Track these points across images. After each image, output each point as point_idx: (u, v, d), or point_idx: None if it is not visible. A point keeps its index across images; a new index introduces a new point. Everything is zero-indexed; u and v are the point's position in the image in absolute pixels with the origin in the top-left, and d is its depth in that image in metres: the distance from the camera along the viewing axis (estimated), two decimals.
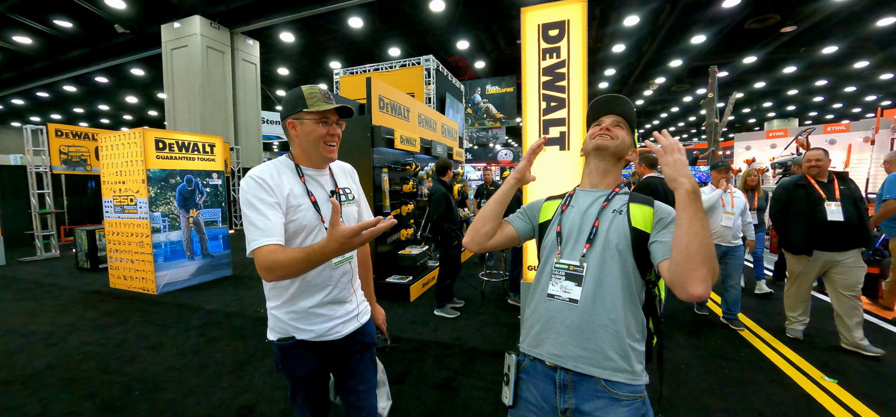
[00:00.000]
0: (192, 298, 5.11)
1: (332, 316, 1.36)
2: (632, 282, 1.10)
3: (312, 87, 1.30)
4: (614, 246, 1.11)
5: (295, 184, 1.30)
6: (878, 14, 10.53)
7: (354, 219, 1.48)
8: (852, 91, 19.11)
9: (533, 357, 1.17)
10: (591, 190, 1.25)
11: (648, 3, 10.35)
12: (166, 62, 10.70)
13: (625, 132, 1.23)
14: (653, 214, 1.13)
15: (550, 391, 1.12)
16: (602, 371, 1.06)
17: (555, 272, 1.16)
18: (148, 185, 5.16)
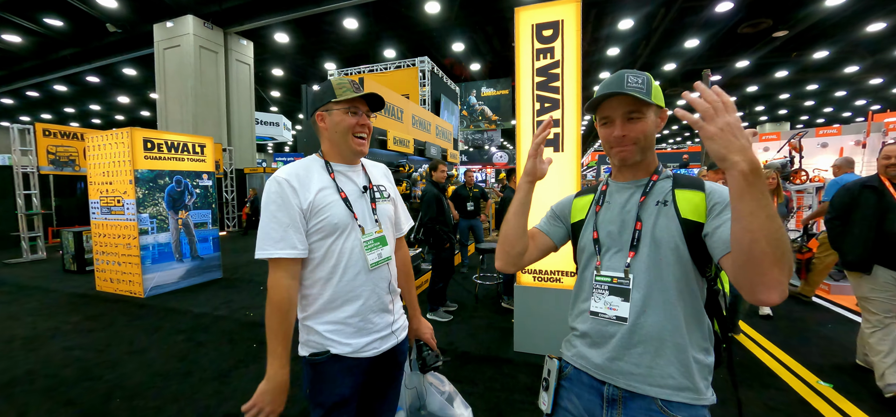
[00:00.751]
0: (180, 301, 5.01)
1: (369, 329, 1.25)
2: (691, 284, 0.95)
3: (342, 78, 1.25)
4: (666, 245, 0.94)
5: (324, 183, 1.23)
6: (868, 19, 10.66)
7: (390, 219, 1.39)
8: (843, 95, 19.33)
9: (577, 367, 1.07)
10: (626, 183, 1.07)
11: (643, 6, 10.40)
12: (158, 62, 10.59)
13: (645, 119, 0.98)
14: (704, 200, 0.95)
15: (596, 404, 1.01)
16: (660, 390, 0.92)
17: (596, 286, 1.03)
18: (136, 186, 5.06)
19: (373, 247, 1.26)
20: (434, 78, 10.92)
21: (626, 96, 0.96)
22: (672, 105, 22.37)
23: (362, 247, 1.24)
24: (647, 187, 1.02)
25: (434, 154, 6.48)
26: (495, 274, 5.45)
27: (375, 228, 1.29)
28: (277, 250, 1.12)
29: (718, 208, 0.91)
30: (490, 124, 17.26)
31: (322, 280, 1.20)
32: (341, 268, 1.21)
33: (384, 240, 1.31)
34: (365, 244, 1.24)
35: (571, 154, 3.14)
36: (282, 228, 1.14)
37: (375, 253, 1.26)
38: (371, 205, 1.31)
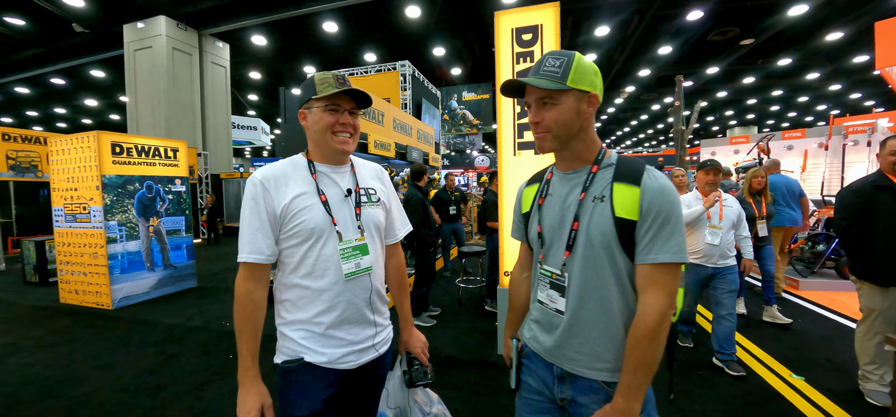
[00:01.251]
0: (151, 313, 4.80)
1: (347, 340, 1.19)
2: (624, 278, 0.99)
3: (325, 73, 1.19)
4: (598, 245, 0.97)
5: (304, 184, 1.17)
6: (827, 29, 11.26)
7: (378, 225, 1.29)
8: (805, 100, 20.34)
9: (532, 348, 1.15)
10: (568, 172, 1.07)
11: (618, 14, 10.69)
12: (129, 63, 10.20)
13: (560, 105, 0.98)
14: (638, 197, 0.94)
15: (550, 379, 1.10)
16: (598, 373, 1.01)
17: (540, 277, 1.11)
18: (103, 192, 4.83)
19: (350, 256, 1.19)
20: (415, 82, 10.91)
21: (537, 93, 0.99)
22: (646, 109, 23.06)
23: (338, 255, 1.17)
24: (587, 181, 1.02)
25: (416, 158, 6.45)
26: (478, 278, 5.44)
27: (356, 235, 1.21)
28: (244, 255, 1.12)
29: (648, 220, 0.93)
30: (471, 128, 17.36)
31: (298, 286, 1.16)
32: (317, 276, 1.15)
33: (365, 249, 1.22)
34: (341, 252, 1.17)
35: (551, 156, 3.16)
36: (251, 232, 1.12)
37: (352, 263, 1.18)
38: (354, 210, 1.22)
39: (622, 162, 1.01)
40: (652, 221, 0.93)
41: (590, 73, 0.98)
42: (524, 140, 3.22)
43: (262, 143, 16.34)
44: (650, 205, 0.93)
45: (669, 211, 0.93)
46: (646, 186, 0.94)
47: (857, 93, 18.84)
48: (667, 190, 0.94)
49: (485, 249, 4.75)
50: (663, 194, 0.94)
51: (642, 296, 0.95)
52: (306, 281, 1.15)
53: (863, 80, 16.37)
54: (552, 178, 1.13)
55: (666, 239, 0.92)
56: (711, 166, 3.10)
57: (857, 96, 19.34)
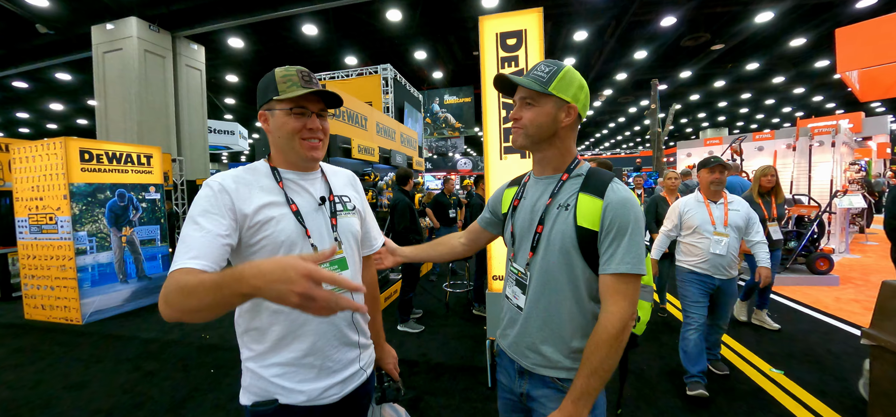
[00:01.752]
0: (124, 327, 4.59)
1: (329, 369, 1.05)
2: (580, 284, 1.03)
3: (288, 69, 1.03)
4: (557, 249, 1.03)
5: (270, 192, 1.02)
6: (791, 35, 11.82)
7: (355, 236, 1.17)
8: (772, 103, 21.25)
9: (501, 346, 1.24)
10: (541, 177, 1.14)
11: (595, 20, 10.93)
12: (97, 66, 9.75)
13: (538, 107, 1.03)
14: (600, 209, 0.99)
15: (513, 375, 1.18)
16: (548, 371, 1.08)
17: (509, 273, 1.19)
18: (71, 201, 4.60)
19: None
20: (397, 85, 10.86)
21: (520, 86, 1.07)
22: (624, 112, 23.64)
23: None
24: (556, 188, 1.08)
25: (400, 162, 6.41)
26: (466, 282, 5.44)
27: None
28: (186, 259, 0.83)
29: (610, 232, 0.98)
30: (453, 132, 17.42)
31: (267, 311, 0.99)
32: None
33: (344, 263, 1.10)
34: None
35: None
36: (203, 235, 0.88)
37: None
38: (330, 221, 1.10)
39: (592, 174, 1.07)
40: (614, 233, 0.98)
41: (574, 87, 1.04)
42: (510, 144, 3.23)
43: (239, 148, 15.91)
44: (612, 217, 0.98)
45: (628, 224, 0.98)
46: (608, 199, 1.00)
47: (819, 96, 19.81)
48: (628, 202, 1.00)
49: None
50: (624, 207, 0.99)
51: (605, 305, 0.99)
52: (276, 304, 0.90)
53: (824, 84, 17.23)
54: (528, 182, 1.20)
55: (626, 250, 0.97)
56: (716, 163, 2.72)
57: (819, 99, 20.33)
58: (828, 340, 3.57)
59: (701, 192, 2.83)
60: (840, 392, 2.71)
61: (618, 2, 9.95)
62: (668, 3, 9.91)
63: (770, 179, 3.64)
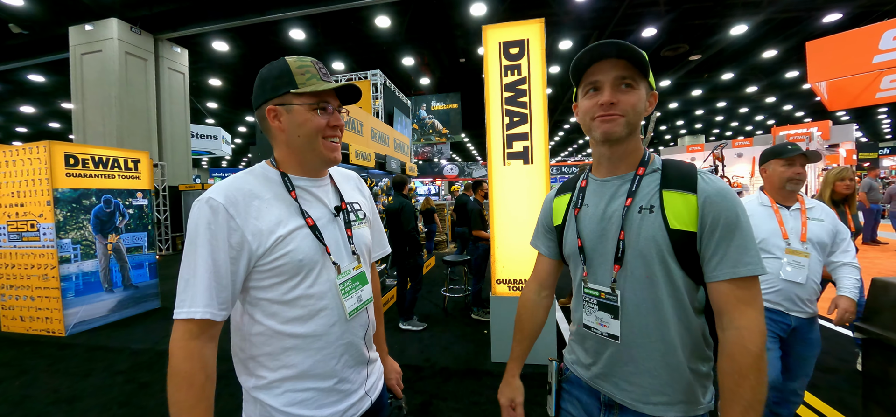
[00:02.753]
0: (112, 338, 4.43)
1: (345, 392, 0.97)
2: (683, 296, 0.87)
3: (302, 59, 0.92)
4: (653, 258, 0.86)
5: (282, 204, 0.91)
6: (763, 47, 12.41)
7: (368, 247, 1.10)
8: (745, 111, 22.18)
9: (575, 373, 1.06)
10: (607, 179, 0.98)
11: (580, 29, 11.23)
12: (75, 68, 9.41)
13: (637, 91, 0.88)
14: (696, 205, 0.84)
15: (594, 406, 1.00)
16: (652, 408, 0.89)
17: (585, 297, 0.99)
18: (55, 208, 4.43)
19: (351, 289, 0.97)
20: (387, 91, 10.87)
21: (620, 60, 0.86)
22: None
23: (338, 291, 0.94)
24: (633, 186, 0.92)
25: (394, 167, 6.43)
26: (463, 286, 5.47)
27: (353, 263, 0.99)
28: (195, 307, 0.81)
29: (715, 230, 0.82)
30: (440, 137, 17.48)
31: (281, 335, 0.89)
32: (306, 320, 0.90)
33: (364, 278, 1.02)
34: (341, 286, 0.94)
35: (540, 165, 3.28)
36: (207, 276, 0.82)
37: (354, 297, 0.97)
38: (346, 233, 1.01)
39: (670, 166, 0.92)
40: (721, 230, 0.82)
41: (651, 75, 0.92)
42: (513, 150, 3.31)
43: (222, 153, 15.57)
44: (715, 213, 0.83)
45: (736, 216, 0.82)
46: (704, 192, 0.84)
47: (790, 105, 20.79)
48: (728, 193, 0.85)
49: (469, 258, 4.79)
50: (725, 198, 0.84)
51: (730, 319, 0.82)
52: (292, 327, 0.89)
53: (793, 93, 18.12)
54: (587, 186, 1.02)
55: (741, 248, 0.81)
56: (796, 153, 1.85)
57: (790, 108, 21.34)
58: None
59: (767, 193, 1.98)
60: (829, 385, 2.86)
61: (601, 13, 10.26)
62: (648, 14, 10.28)
63: (848, 184, 2.80)
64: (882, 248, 8.01)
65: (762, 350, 0.79)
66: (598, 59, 0.88)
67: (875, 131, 31.61)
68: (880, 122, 28.31)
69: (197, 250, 0.82)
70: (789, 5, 9.56)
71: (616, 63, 0.87)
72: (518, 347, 1.16)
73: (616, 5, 9.68)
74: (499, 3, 9.32)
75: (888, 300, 1.91)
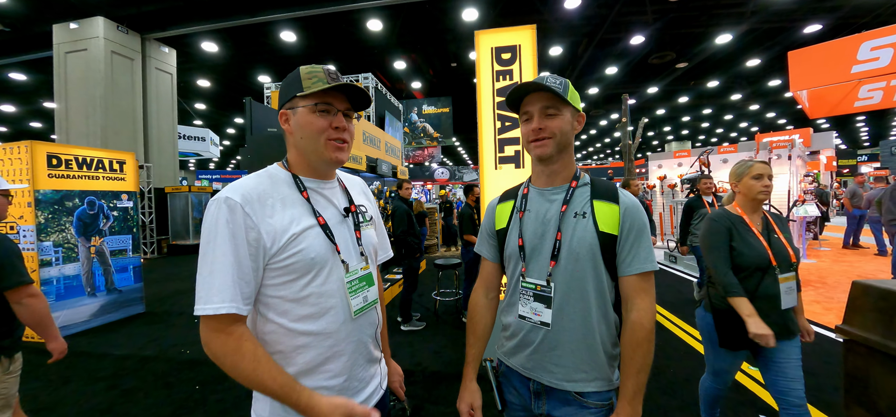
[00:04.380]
0: (94, 343, 4.32)
1: (354, 390, 1.00)
2: (604, 290, 1.05)
3: (313, 67, 0.96)
4: (583, 256, 1.03)
5: (294, 204, 0.94)
6: (747, 56, 12.73)
7: (376, 248, 1.15)
8: (730, 118, 22.68)
9: (508, 364, 1.17)
10: (546, 188, 1.13)
11: (570, 36, 11.38)
12: (59, 67, 9.21)
13: (561, 116, 1.05)
14: (618, 213, 1.05)
15: (527, 395, 1.13)
16: (574, 385, 1.05)
17: (522, 291, 1.11)
18: (36, 209, 4.32)
19: (358, 289, 1.00)
20: (378, 94, 10.84)
21: (543, 92, 1.04)
22: (595, 124, 24.55)
23: (345, 289, 0.97)
24: (568, 195, 1.09)
25: (386, 171, 6.41)
26: (454, 290, 5.47)
27: (361, 263, 1.03)
28: (219, 303, 0.82)
29: (631, 234, 1.03)
30: (431, 141, 17.51)
31: (292, 332, 0.92)
32: (316, 317, 0.92)
33: (371, 279, 1.06)
34: (348, 285, 0.98)
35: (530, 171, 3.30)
36: (228, 271, 0.84)
37: (360, 297, 1.01)
38: (355, 234, 1.04)
39: (597, 182, 1.11)
40: (635, 234, 1.03)
41: (576, 95, 1.09)
42: (505, 154, 3.33)
43: (210, 155, 15.33)
44: (632, 220, 1.04)
45: (644, 224, 1.05)
46: (624, 203, 1.06)
47: (772, 112, 21.33)
48: (639, 205, 1.07)
49: (460, 261, 4.80)
50: (638, 209, 1.06)
51: (633, 303, 1.03)
52: (303, 324, 0.92)
53: (776, 101, 18.60)
54: (529, 193, 1.17)
55: (647, 249, 1.04)
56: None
57: (772, 115, 21.89)
58: None
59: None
60: (813, 386, 2.92)
61: (590, 20, 10.41)
62: (637, 22, 10.47)
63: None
64: (862, 252, 8.24)
65: (653, 327, 1.01)
66: (526, 93, 1.07)
67: (853, 138, 32.58)
68: (859, 130, 29.21)
69: (217, 247, 0.84)
70: (772, 16, 9.83)
71: (541, 95, 1.05)
72: (472, 350, 1.25)
73: (605, 13, 9.84)
74: (490, 9, 9.40)
75: (868, 302, 1.96)
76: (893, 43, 4.60)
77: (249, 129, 4.69)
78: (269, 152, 4.32)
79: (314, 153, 0.97)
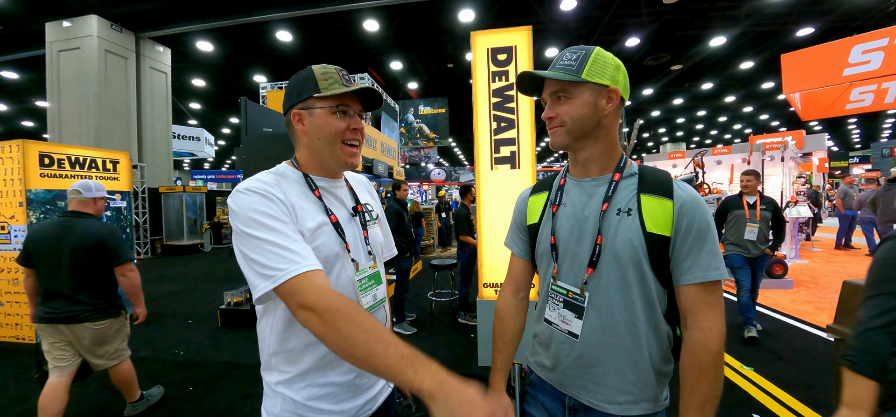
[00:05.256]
0: None
1: (364, 387, 0.99)
2: (652, 300, 0.90)
3: (327, 67, 0.96)
4: (627, 261, 0.88)
5: (307, 201, 0.95)
6: (741, 59, 12.85)
7: (382, 247, 1.15)
8: (724, 120, 22.87)
9: (540, 376, 1.06)
10: (584, 180, 0.99)
11: (565, 37, 11.43)
12: (51, 65, 9.12)
13: (575, 99, 0.91)
14: (672, 210, 0.88)
15: (559, 410, 1.01)
16: (618, 408, 0.92)
17: (552, 294, 1.00)
18: (28, 209, 4.27)
19: (368, 287, 1.01)
20: None
21: (551, 79, 0.93)
22: None
23: (356, 287, 0.97)
24: (610, 191, 0.93)
25: (381, 171, 6.41)
26: (450, 290, 5.47)
27: (369, 262, 1.05)
28: (297, 265, 0.78)
29: (689, 236, 0.87)
30: (428, 142, 17.51)
31: (304, 331, 0.91)
32: None
33: (379, 278, 1.07)
34: (359, 283, 0.98)
35: (527, 170, 3.31)
36: (283, 241, 0.81)
37: (370, 295, 1.02)
38: (363, 233, 1.05)
39: (646, 172, 0.95)
40: (694, 236, 0.86)
41: (610, 67, 0.91)
42: (501, 155, 3.34)
43: (205, 155, 15.25)
44: (689, 219, 0.87)
45: (707, 225, 0.87)
46: (680, 199, 0.88)
47: (765, 115, 21.52)
48: (701, 202, 0.89)
49: (456, 262, 4.80)
50: (699, 207, 0.88)
51: (694, 320, 0.87)
52: None
53: (769, 104, 18.77)
54: (566, 184, 1.03)
55: (710, 254, 0.86)
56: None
57: (765, 117, 22.09)
58: (788, 338, 3.88)
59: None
60: (804, 384, 2.95)
61: (586, 22, 10.46)
62: (632, 24, 10.53)
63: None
64: (854, 253, 8.34)
65: (721, 350, 0.85)
66: (533, 79, 0.96)
67: (845, 141, 32.95)
68: (850, 132, 29.55)
69: (264, 224, 0.82)
70: (765, 19, 9.93)
71: (550, 81, 0.94)
72: (500, 355, 1.11)
73: (601, 15, 9.89)
74: (487, 11, 9.42)
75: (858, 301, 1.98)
76: (884, 46, 4.66)
77: (245, 129, 4.67)
78: (265, 152, 4.31)
79: (331, 155, 0.97)
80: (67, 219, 2.46)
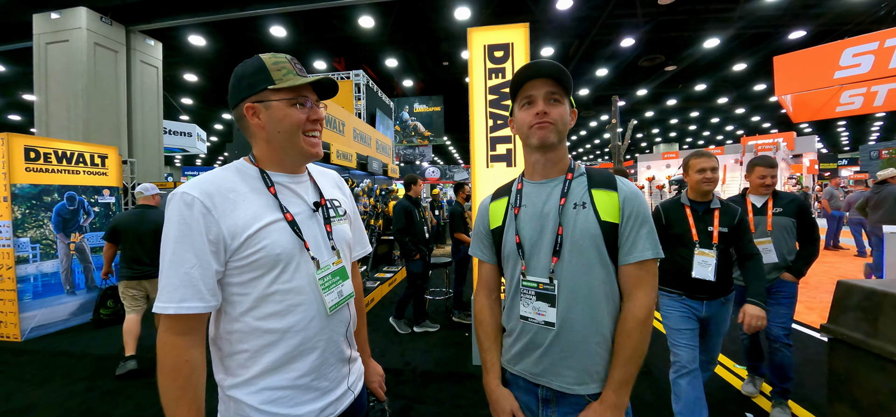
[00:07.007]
0: (73, 343, 4.19)
1: (324, 389, 0.96)
2: (612, 281, 1.01)
3: (277, 56, 0.94)
4: (588, 248, 0.99)
5: (260, 200, 0.91)
6: (734, 60, 12.96)
7: (348, 243, 1.09)
8: (717, 121, 23.07)
9: (513, 372, 1.11)
10: (541, 181, 1.09)
11: (561, 37, 11.46)
12: (39, 58, 8.90)
13: (563, 106, 1.04)
14: (617, 201, 1.01)
15: (533, 403, 1.08)
16: (587, 388, 1.01)
17: (523, 290, 1.06)
18: (12, 204, 4.17)
19: (331, 284, 0.97)
20: (369, 92, 10.77)
21: (550, 78, 1.02)
22: (585, 126, 24.78)
23: (317, 285, 0.94)
24: (565, 188, 1.05)
25: (376, 168, 6.36)
26: (444, 289, 5.45)
27: (333, 258, 1.00)
28: (174, 303, 0.81)
29: (631, 222, 1.00)
30: (423, 140, 17.46)
31: (258, 331, 0.88)
32: (284, 314, 0.90)
33: (344, 273, 1.03)
34: (321, 281, 0.95)
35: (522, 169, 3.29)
36: (183, 270, 0.82)
37: (335, 292, 0.98)
38: (325, 228, 1.01)
39: (592, 171, 1.09)
40: (634, 222, 1.00)
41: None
42: (497, 152, 3.32)
43: (197, 151, 15.04)
44: (632, 207, 1.00)
45: (644, 211, 1.02)
46: (623, 191, 1.02)
47: (757, 116, 21.74)
48: (639, 194, 1.05)
49: (450, 260, 4.78)
50: (638, 196, 1.03)
51: (631, 293, 1.00)
52: (269, 322, 0.89)
53: (761, 105, 18.96)
54: (523, 188, 1.12)
55: (648, 237, 1.00)
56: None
57: (757, 119, 22.32)
58: None
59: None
60: (797, 383, 2.97)
61: (582, 21, 10.48)
62: (627, 25, 10.57)
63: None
64: (843, 253, 8.45)
65: (647, 317, 0.98)
66: (533, 76, 1.02)
67: (835, 143, 33.45)
68: (840, 135, 30.00)
69: (171, 245, 0.83)
70: (758, 21, 10.02)
71: (546, 81, 1.02)
72: (488, 355, 1.18)
73: (596, 15, 9.91)
74: (483, 8, 9.40)
75: (852, 302, 1.99)
76: (874, 50, 4.71)
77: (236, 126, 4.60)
78: None
79: (291, 148, 0.95)
80: (141, 210, 3.53)
